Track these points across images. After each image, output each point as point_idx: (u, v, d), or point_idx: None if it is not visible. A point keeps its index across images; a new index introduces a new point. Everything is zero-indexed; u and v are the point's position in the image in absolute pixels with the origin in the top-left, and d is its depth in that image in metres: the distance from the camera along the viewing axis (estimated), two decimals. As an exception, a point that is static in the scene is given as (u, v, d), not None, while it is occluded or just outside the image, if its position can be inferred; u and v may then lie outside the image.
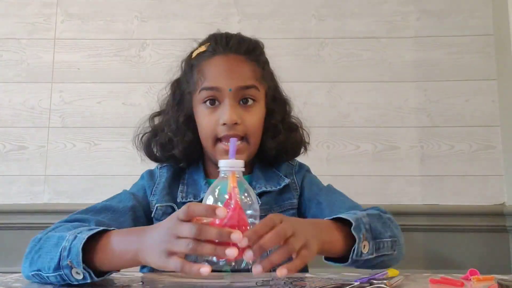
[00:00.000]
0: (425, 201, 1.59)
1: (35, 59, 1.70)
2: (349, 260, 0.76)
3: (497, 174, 1.59)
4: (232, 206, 0.62)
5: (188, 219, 0.62)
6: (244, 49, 0.98)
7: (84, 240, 0.69)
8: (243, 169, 0.66)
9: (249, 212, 0.63)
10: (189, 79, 0.99)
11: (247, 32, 1.04)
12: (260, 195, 0.97)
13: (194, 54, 1.00)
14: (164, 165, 1.03)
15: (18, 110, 1.67)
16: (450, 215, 1.56)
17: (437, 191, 1.59)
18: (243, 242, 0.60)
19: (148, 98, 1.65)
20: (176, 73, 1.05)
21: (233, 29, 1.04)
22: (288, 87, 1.08)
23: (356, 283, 0.67)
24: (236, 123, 0.92)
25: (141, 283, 0.76)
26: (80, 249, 0.69)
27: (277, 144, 1.00)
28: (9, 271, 0.88)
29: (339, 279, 0.77)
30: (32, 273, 0.76)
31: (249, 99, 0.95)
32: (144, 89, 1.67)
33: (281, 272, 0.62)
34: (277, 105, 1.03)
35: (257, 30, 1.65)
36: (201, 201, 0.92)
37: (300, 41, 1.68)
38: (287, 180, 1.01)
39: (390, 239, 0.83)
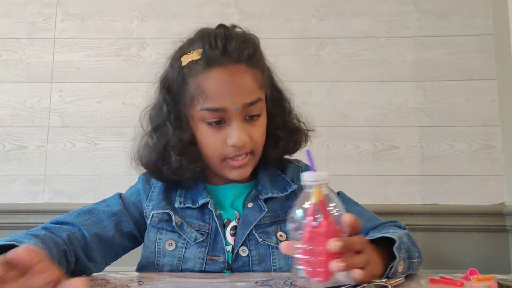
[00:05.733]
0: (425, 201, 1.59)
1: (35, 58, 1.70)
2: (383, 276, 0.70)
3: (497, 174, 1.59)
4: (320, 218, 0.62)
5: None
6: (245, 56, 0.86)
7: None
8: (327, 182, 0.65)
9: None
10: (181, 90, 0.89)
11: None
12: (265, 200, 0.92)
13: (184, 61, 0.87)
14: None
15: (17, 109, 1.67)
16: (450, 215, 1.56)
17: (437, 191, 1.59)
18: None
19: (148, 98, 1.65)
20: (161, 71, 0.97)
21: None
22: (287, 87, 1.06)
23: (355, 283, 0.66)
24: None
25: (140, 282, 0.76)
26: None
27: (279, 153, 0.96)
28: (8, 271, 0.88)
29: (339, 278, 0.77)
30: None
31: (255, 114, 0.88)
32: (144, 88, 1.63)
33: (357, 273, 0.61)
34: (276, 107, 0.96)
35: (257, 30, 1.63)
36: (200, 206, 0.91)
37: (300, 41, 1.68)
38: (294, 186, 0.95)
39: (417, 259, 0.81)
